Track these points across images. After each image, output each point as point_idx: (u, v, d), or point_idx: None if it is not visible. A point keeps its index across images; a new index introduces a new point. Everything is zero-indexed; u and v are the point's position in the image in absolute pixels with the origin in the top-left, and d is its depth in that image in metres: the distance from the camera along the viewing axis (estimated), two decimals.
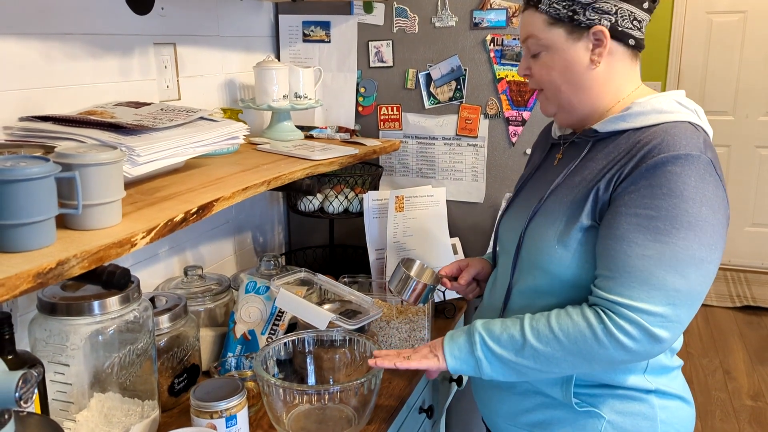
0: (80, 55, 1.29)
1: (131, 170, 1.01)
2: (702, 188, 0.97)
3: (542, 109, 1.17)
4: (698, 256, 0.97)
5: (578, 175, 1.09)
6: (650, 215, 0.97)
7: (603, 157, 1.07)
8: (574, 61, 1.07)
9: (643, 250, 0.97)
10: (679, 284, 0.96)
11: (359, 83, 1.92)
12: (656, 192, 0.97)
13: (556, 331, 1.03)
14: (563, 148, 1.18)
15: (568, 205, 1.08)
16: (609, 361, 1.01)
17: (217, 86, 1.72)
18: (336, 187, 1.80)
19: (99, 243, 0.85)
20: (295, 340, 1.35)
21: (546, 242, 1.08)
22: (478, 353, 1.08)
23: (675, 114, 1.05)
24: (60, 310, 1.07)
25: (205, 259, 1.73)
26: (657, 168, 0.98)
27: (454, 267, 1.37)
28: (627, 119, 1.06)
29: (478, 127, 1.84)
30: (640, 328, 0.97)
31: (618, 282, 0.99)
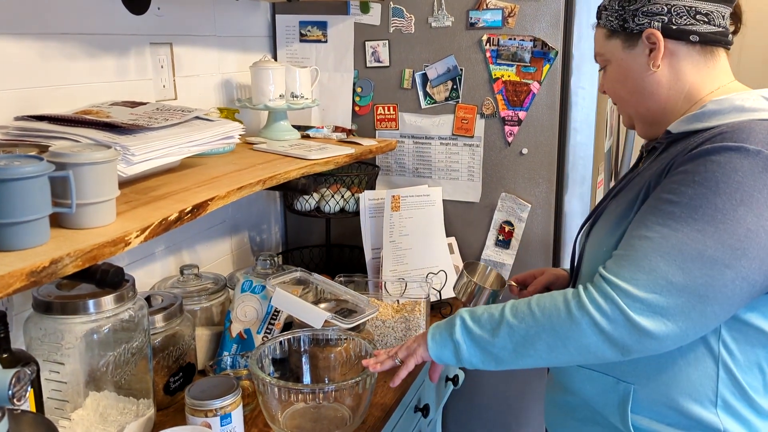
0: (77, 54, 1.30)
1: (126, 169, 1.02)
2: (751, 187, 0.86)
3: (624, 124, 1.16)
4: (711, 254, 0.87)
5: (640, 177, 1.04)
6: (670, 200, 0.90)
7: (666, 156, 0.99)
8: (632, 69, 1.05)
9: (647, 231, 0.91)
10: (674, 276, 0.87)
11: (356, 83, 1.93)
12: (687, 179, 0.89)
13: (533, 307, 0.98)
14: (646, 155, 1.13)
15: (622, 206, 1.02)
16: (584, 343, 0.92)
17: (213, 86, 1.72)
18: (332, 186, 1.81)
19: (93, 242, 0.86)
20: (290, 339, 1.35)
21: (601, 250, 1.02)
22: (456, 336, 1.04)
23: (759, 112, 0.93)
24: (55, 309, 1.07)
25: (201, 258, 1.73)
26: (701, 156, 0.89)
27: (528, 274, 1.33)
28: (701, 118, 0.97)
29: (474, 127, 1.85)
30: (614, 306, 0.89)
31: (614, 259, 0.94)
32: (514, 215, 1.84)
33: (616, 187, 1.13)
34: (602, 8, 1.09)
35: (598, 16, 1.09)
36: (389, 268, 1.75)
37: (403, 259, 1.78)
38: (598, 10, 1.10)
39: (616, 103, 1.13)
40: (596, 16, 1.11)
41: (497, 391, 1.95)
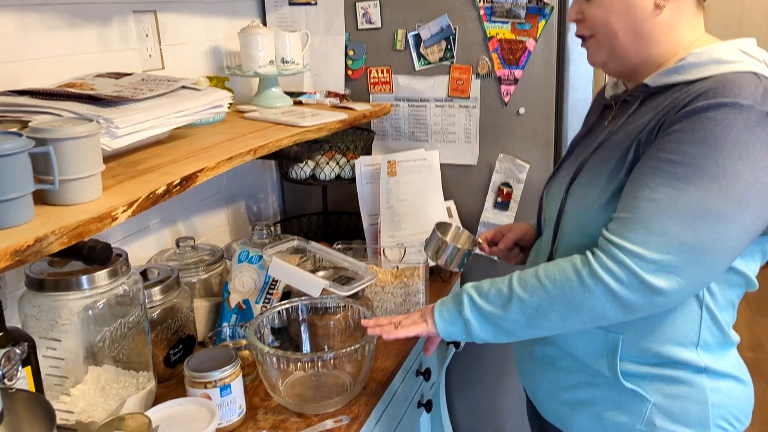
0: (58, 25, 1.26)
1: (110, 143, 1.00)
2: (746, 141, 0.87)
3: (590, 58, 1.07)
4: (717, 211, 0.88)
5: (622, 131, 1.02)
6: (672, 160, 0.90)
7: (649, 111, 0.99)
8: (637, 5, 0.99)
9: (653, 193, 0.90)
10: (685, 236, 0.88)
11: (347, 46, 1.88)
12: (687, 137, 0.89)
13: (542, 279, 0.98)
14: (616, 108, 1.10)
15: (608, 163, 1.01)
16: (597, 309, 0.94)
17: (201, 54, 1.68)
18: (327, 153, 1.78)
19: (78, 218, 0.84)
20: (288, 308, 1.35)
21: (586, 204, 1.02)
22: (465, 313, 1.04)
23: (736, 64, 0.94)
24: (48, 286, 1.07)
25: (197, 229, 1.72)
26: (696, 113, 0.89)
27: (496, 231, 1.32)
28: (680, 71, 0.97)
29: (469, 88, 1.81)
30: (628, 271, 0.90)
31: (619, 223, 0.93)
32: (513, 176, 1.82)
33: (587, 141, 1.12)
34: None
35: None
36: (387, 234, 1.74)
37: (401, 224, 1.76)
38: None
39: (595, 36, 1.04)
40: None
41: (500, 353, 1.96)
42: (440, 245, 1.29)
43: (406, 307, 1.53)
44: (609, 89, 1.16)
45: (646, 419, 1.02)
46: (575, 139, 1.20)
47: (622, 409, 1.04)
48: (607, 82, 1.20)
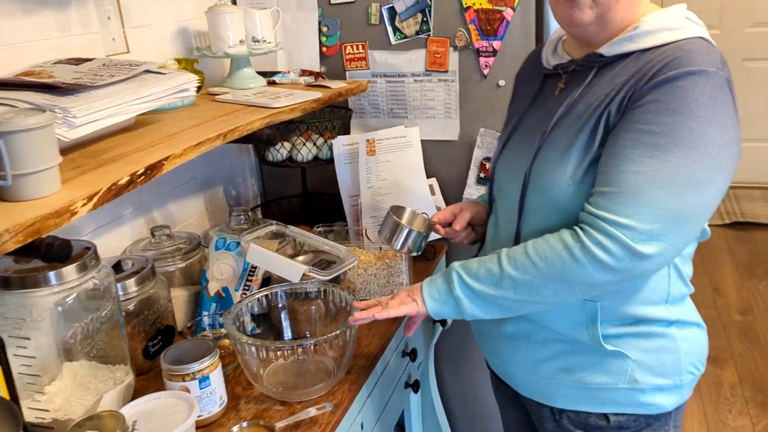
0: (10, 12, 1.21)
1: (68, 133, 0.96)
2: (713, 107, 0.91)
3: (576, 16, 1.00)
4: (697, 176, 0.91)
5: (583, 103, 1.02)
6: (651, 131, 0.92)
7: (609, 81, 1.00)
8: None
9: (638, 165, 0.92)
10: (672, 203, 0.91)
11: (321, 22, 1.83)
12: (662, 107, 0.92)
13: (533, 257, 0.99)
14: (566, 77, 1.09)
15: (576, 135, 1.01)
16: (590, 282, 0.96)
17: (169, 35, 1.63)
18: (305, 134, 1.74)
19: (34, 214, 0.81)
20: (268, 295, 1.32)
21: (557, 178, 1.01)
22: (456, 292, 1.05)
23: (685, 30, 0.98)
24: (15, 284, 1.03)
25: (174, 217, 1.68)
26: (667, 83, 0.92)
27: (448, 212, 1.30)
28: (635, 39, 0.99)
29: (447, 61, 1.77)
30: (619, 243, 0.92)
31: (606, 197, 0.94)
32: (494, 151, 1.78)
33: (537, 113, 1.10)
34: None
35: None
36: (369, 214, 1.71)
37: (382, 204, 1.73)
38: None
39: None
40: None
41: None
42: (395, 228, 1.25)
43: (389, 288, 1.51)
44: (550, 58, 1.14)
45: (628, 376, 1.07)
46: (517, 110, 1.18)
47: (604, 370, 1.07)
48: (545, 51, 1.17)
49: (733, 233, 3.91)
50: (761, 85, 4.27)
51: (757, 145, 4.40)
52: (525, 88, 1.21)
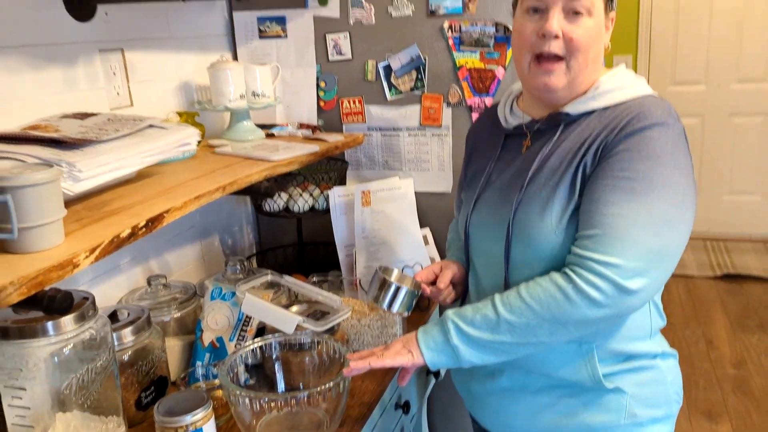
0: (20, 68, 1.25)
1: (72, 187, 0.99)
2: (676, 154, 1.02)
3: (551, 82, 1.07)
4: (671, 215, 1.00)
5: (555, 158, 1.09)
6: (628, 177, 1.00)
7: (577, 137, 1.09)
8: (602, 38, 1.10)
9: (619, 209, 0.99)
10: (652, 242, 0.99)
11: (319, 78, 1.89)
12: (634, 156, 1.01)
13: (527, 300, 1.03)
14: (531, 135, 1.16)
15: (556, 187, 1.07)
16: (583, 320, 1.01)
17: (171, 90, 1.68)
18: (301, 185, 1.78)
19: (38, 267, 0.83)
20: (263, 346, 1.33)
21: (543, 229, 1.07)
22: (453, 341, 1.07)
23: (636, 88, 1.10)
24: (13, 334, 1.04)
25: (171, 266, 1.70)
26: (635, 134, 1.02)
27: (429, 272, 1.32)
28: (597, 98, 1.09)
29: (441, 116, 1.82)
30: (609, 281, 0.98)
31: (592, 240, 1.00)
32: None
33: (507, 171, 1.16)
34: None
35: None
36: (363, 264, 1.73)
37: (377, 254, 1.75)
38: None
39: (571, 59, 1.06)
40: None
41: None
42: (383, 286, 1.25)
43: (383, 339, 1.52)
44: (509, 118, 1.20)
45: (627, 412, 1.11)
46: (481, 169, 1.23)
47: (604, 408, 1.11)
48: (501, 112, 1.23)
49: (725, 285, 3.93)
50: (747, 140, 4.37)
51: (745, 198, 4.48)
52: (485, 148, 1.26)
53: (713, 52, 4.28)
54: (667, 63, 4.37)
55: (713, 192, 4.50)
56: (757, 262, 4.14)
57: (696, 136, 4.39)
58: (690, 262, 4.20)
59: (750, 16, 4.15)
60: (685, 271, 4.06)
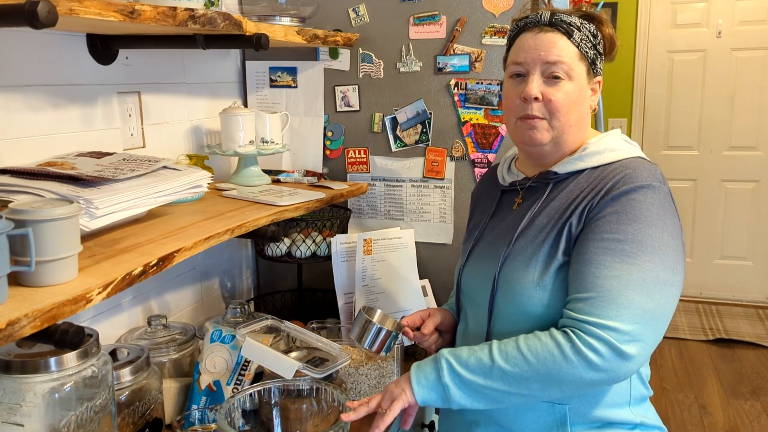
0: (41, 106, 1.28)
1: (89, 223, 1.00)
2: (663, 216, 1.04)
3: (535, 136, 1.12)
4: (662, 277, 1.01)
5: (544, 216, 1.13)
6: (617, 239, 1.02)
7: (565, 196, 1.12)
8: (586, 101, 1.14)
9: (611, 271, 1.01)
10: (646, 304, 1.00)
11: (326, 127, 1.94)
12: (622, 218, 1.03)
13: (524, 352, 1.03)
14: (522, 192, 1.20)
15: (541, 245, 1.10)
16: (578, 381, 1.01)
17: (182, 133, 1.72)
18: (304, 231, 1.80)
19: (52, 300, 0.84)
20: (261, 391, 1.32)
21: (525, 284, 1.10)
22: (445, 380, 1.07)
23: (626, 150, 1.13)
24: (15, 368, 1.04)
25: (170, 306, 1.70)
26: (622, 196, 1.04)
27: (416, 317, 1.34)
28: (585, 159, 1.13)
29: (444, 170, 1.86)
30: (608, 345, 0.99)
31: (588, 303, 1.01)
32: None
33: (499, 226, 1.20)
34: (572, 26, 1.11)
35: (567, 30, 1.10)
36: None
37: (376, 303, 1.76)
38: (560, 19, 1.11)
39: (550, 119, 1.11)
40: (560, 26, 1.10)
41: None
42: (366, 327, 1.29)
43: (380, 388, 1.51)
44: (506, 175, 1.27)
45: None
46: (478, 223, 1.29)
47: None
48: (500, 170, 1.30)
49: (717, 350, 3.93)
50: (739, 205, 4.45)
51: (736, 263, 4.52)
52: (484, 203, 1.32)
53: (705, 119, 4.41)
54: (660, 128, 4.48)
55: (705, 256, 4.55)
56: (749, 327, 4.15)
57: (688, 200, 4.47)
58: (682, 324, 4.21)
59: (741, 86, 4.29)
60: (677, 334, 4.06)
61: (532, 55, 1.10)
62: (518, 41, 1.14)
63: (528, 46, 1.11)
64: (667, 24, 4.38)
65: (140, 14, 1.05)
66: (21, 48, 1.23)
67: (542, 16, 1.12)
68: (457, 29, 1.77)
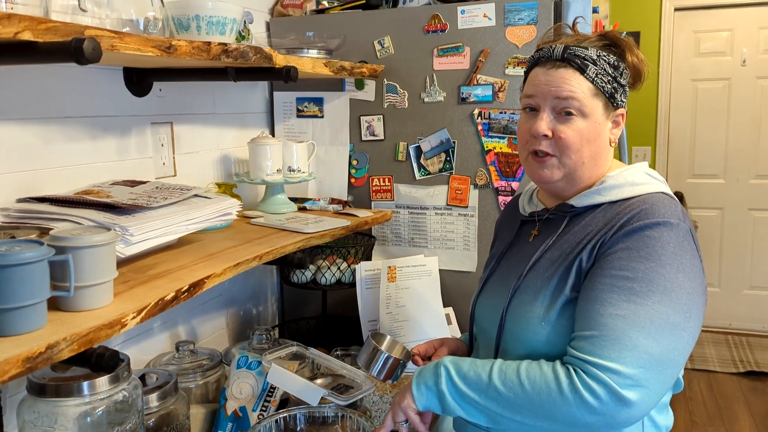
0: (79, 136, 1.33)
1: (124, 250, 1.03)
2: (680, 255, 0.98)
3: (545, 174, 1.10)
4: (672, 321, 0.96)
5: (557, 249, 1.10)
6: (626, 276, 0.98)
7: (580, 230, 1.09)
8: (602, 137, 1.09)
9: (617, 309, 0.97)
10: (652, 348, 0.95)
11: (352, 156, 1.97)
12: (633, 255, 0.99)
13: (522, 378, 1.00)
14: (539, 224, 1.18)
15: (550, 279, 1.07)
16: (572, 420, 0.96)
17: (212, 162, 1.76)
18: (329, 258, 1.82)
19: (89, 325, 0.86)
20: (286, 417, 1.33)
21: (531, 319, 1.07)
22: (441, 387, 1.06)
23: (647, 185, 1.09)
24: (49, 392, 1.06)
25: (197, 332, 1.72)
26: (635, 232, 1.00)
27: (428, 345, 1.33)
28: (602, 193, 1.09)
29: (468, 197, 1.88)
30: (607, 388, 0.94)
31: (590, 341, 0.97)
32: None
33: (514, 257, 1.18)
34: (588, 59, 1.06)
35: (581, 65, 1.06)
36: None
37: (399, 330, 1.77)
38: (573, 54, 1.07)
39: (561, 156, 1.08)
40: (575, 62, 1.07)
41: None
42: (374, 354, 1.26)
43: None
44: (526, 206, 1.24)
45: None
46: (495, 254, 1.27)
47: None
48: (521, 200, 1.27)
49: (748, 383, 3.83)
50: (766, 234, 4.37)
51: (766, 294, 4.43)
52: (504, 233, 1.30)
53: (731, 147, 4.37)
54: (685, 156, 4.45)
55: (734, 286, 4.47)
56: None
57: (715, 229, 4.41)
58: (712, 356, 4.12)
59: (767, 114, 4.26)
60: (707, 366, 3.97)
61: (543, 91, 1.08)
62: (531, 75, 1.13)
63: (539, 81, 1.09)
64: (690, 52, 4.38)
65: (176, 49, 1.10)
66: (61, 81, 1.28)
67: (555, 51, 1.08)
68: (480, 60, 1.80)
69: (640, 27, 4.34)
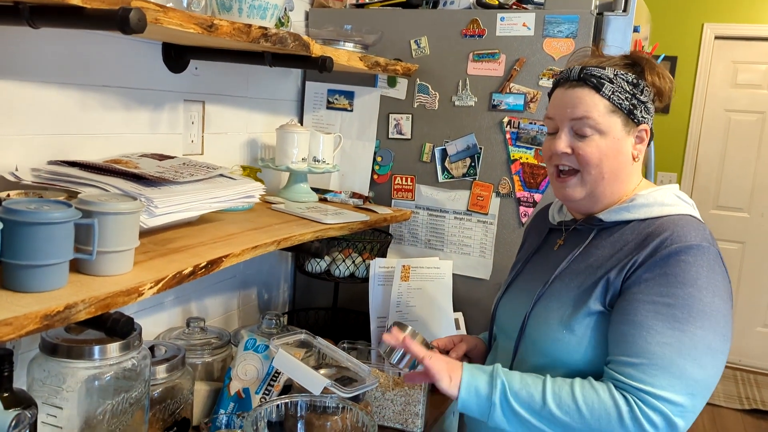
0: (114, 106, 1.35)
1: (148, 221, 1.05)
2: (713, 278, 1.02)
3: (568, 193, 1.14)
4: (713, 346, 1.00)
5: (583, 261, 1.12)
6: (667, 303, 1.01)
7: (609, 246, 1.11)
8: (623, 153, 1.11)
9: (663, 337, 1.00)
10: (697, 374, 0.99)
11: (377, 152, 1.98)
12: (671, 280, 1.01)
13: (579, 402, 1.02)
14: (566, 234, 1.21)
15: (575, 290, 1.10)
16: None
17: (239, 144, 1.78)
18: (344, 251, 1.83)
19: (108, 290, 0.88)
20: (288, 403, 1.34)
21: (552, 326, 1.10)
22: (494, 398, 1.07)
23: (676, 207, 1.11)
24: (61, 352, 1.08)
25: (209, 311, 1.74)
26: (671, 257, 1.02)
27: (447, 340, 1.36)
28: (631, 210, 1.11)
29: (489, 205, 1.88)
30: (664, 417, 0.98)
31: (640, 369, 1.00)
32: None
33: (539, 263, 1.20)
34: (604, 78, 1.08)
35: (597, 84, 1.08)
36: None
37: None
38: (590, 73, 1.09)
39: (581, 173, 1.11)
40: (590, 81, 1.09)
41: None
42: None
43: (404, 416, 1.51)
44: (555, 215, 1.26)
45: None
46: (521, 258, 1.29)
47: None
48: (552, 208, 1.29)
49: (753, 421, 3.78)
50: None
51: None
52: (532, 239, 1.33)
53: (759, 182, 4.31)
54: (711, 186, 4.40)
55: (748, 322, 4.41)
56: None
57: (735, 263, 4.35)
58: (718, 391, 4.07)
59: None
60: (712, 400, 3.92)
61: (561, 112, 1.12)
62: (552, 96, 1.17)
63: (558, 102, 1.13)
64: (726, 82, 4.33)
65: (218, 28, 1.11)
66: (103, 50, 1.31)
67: (572, 72, 1.12)
68: (515, 69, 1.80)
69: (678, 52, 4.30)
